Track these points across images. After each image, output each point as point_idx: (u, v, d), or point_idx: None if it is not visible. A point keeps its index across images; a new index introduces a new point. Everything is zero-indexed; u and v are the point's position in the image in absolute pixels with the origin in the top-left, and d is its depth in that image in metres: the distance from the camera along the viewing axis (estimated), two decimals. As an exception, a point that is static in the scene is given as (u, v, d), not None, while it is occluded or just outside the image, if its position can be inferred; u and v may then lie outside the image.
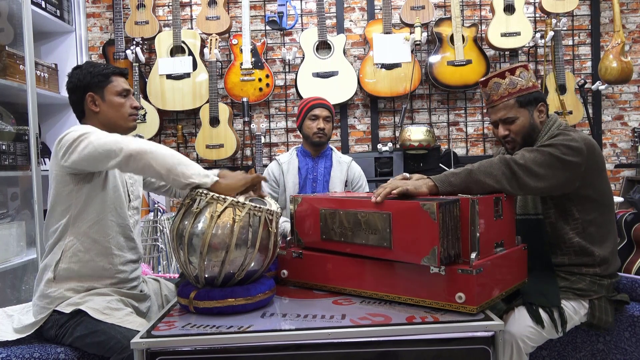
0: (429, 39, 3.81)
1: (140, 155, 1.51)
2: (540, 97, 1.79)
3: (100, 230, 1.71)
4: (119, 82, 1.81)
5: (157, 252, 3.38)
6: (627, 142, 3.91)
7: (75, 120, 1.83)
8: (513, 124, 1.77)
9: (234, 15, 3.90)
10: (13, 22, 3.00)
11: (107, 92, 1.78)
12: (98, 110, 1.78)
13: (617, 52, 3.49)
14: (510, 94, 1.76)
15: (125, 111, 1.81)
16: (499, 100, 1.78)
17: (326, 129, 2.55)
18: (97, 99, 1.78)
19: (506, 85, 1.77)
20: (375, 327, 1.33)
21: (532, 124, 1.77)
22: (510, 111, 1.77)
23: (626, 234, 2.98)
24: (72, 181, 1.67)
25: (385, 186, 1.51)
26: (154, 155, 1.50)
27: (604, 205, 1.75)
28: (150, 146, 1.52)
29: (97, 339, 1.55)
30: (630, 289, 1.81)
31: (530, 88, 1.77)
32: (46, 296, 1.67)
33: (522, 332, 1.57)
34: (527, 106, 1.76)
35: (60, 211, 1.69)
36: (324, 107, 2.57)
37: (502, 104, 1.78)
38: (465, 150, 3.92)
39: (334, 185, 2.58)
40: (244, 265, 1.47)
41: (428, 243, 1.36)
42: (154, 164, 1.50)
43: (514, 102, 1.76)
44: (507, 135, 1.79)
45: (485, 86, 1.82)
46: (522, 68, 1.77)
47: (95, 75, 1.78)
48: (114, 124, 1.79)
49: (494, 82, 1.79)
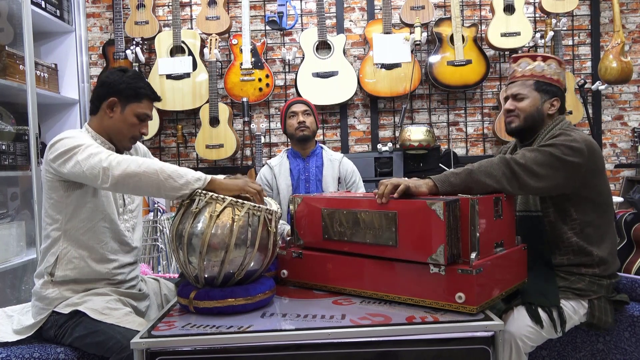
0: (429, 39, 3.81)
1: (127, 180, 1.50)
2: (558, 93, 1.82)
3: (94, 237, 1.70)
4: (146, 105, 1.78)
5: (156, 252, 3.38)
6: (627, 142, 3.91)
7: (74, 120, 1.83)
8: (521, 102, 1.81)
9: (234, 15, 3.90)
10: (13, 22, 3.00)
11: (130, 108, 1.75)
12: (112, 116, 1.75)
13: (617, 52, 3.49)
14: (532, 76, 1.81)
15: (132, 132, 1.77)
16: (520, 77, 1.83)
17: (307, 122, 2.54)
18: (117, 107, 1.74)
19: (532, 67, 1.81)
20: (375, 327, 1.33)
21: (539, 110, 1.80)
22: (525, 89, 1.81)
23: (626, 234, 2.98)
24: (62, 187, 1.66)
25: (385, 183, 1.51)
26: (140, 178, 1.50)
27: (603, 206, 1.75)
28: (136, 168, 1.50)
29: (96, 339, 1.55)
30: (630, 289, 1.80)
31: (554, 80, 1.80)
32: (44, 298, 1.67)
33: (520, 331, 1.57)
34: (541, 92, 1.80)
35: (52, 217, 1.69)
36: (300, 102, 2.61)
37: (520, 82, 1.83)
38: (465, 150, 3.92)
39: (327, 183, 2.57)
40: (244, 264, 1.47)
41: (435, 241, 1.37)
42: (142, 185, 1.51)
43: (532, 83, 1.80)
44: (513, 110, 1.83)
45: (515, 62, 1.87)
46: (556, 61, 1.81)
47: (132, 88, 1.74)
48: (114, 136, 1.77)
49: (524, 60, 1.83)
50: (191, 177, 1.51)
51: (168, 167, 1.52)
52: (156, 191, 1.52)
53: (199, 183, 1.51)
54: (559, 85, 1.82)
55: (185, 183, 1.50)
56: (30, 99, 2.91)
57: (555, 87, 1.81)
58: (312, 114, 2.59)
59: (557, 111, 1.82)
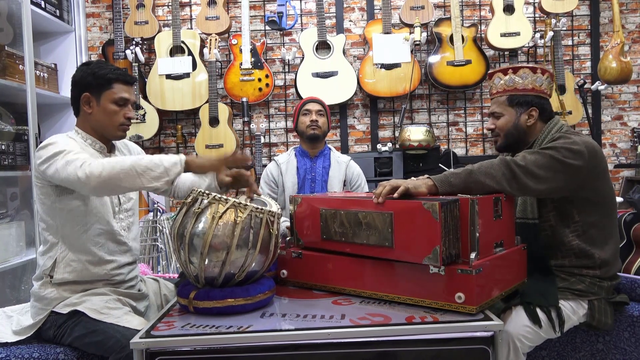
0: (429, 39, 3.81)
1: (104, 184, 1.52)
2: (534, 102, 1.79)
3: (89, 239, 1.70)
4: (119, 89, 1.74)
5: (156, 252, 3.38)
6: (626, 142, 3.91)
7: (74, 120, 1.82)
8: (498, 119, 1.84)
9: (234, 15, 3.90)
10: (12, 22, 3.00)
11: (104, 97, 1.73)
12: (91, 112, 1.73)
13: (617, 52, 3.50)
14: (505, 91, 1.82)
15: (117, 120, 1.74)
16: (495, 94, 1.87)
17: (319, 121, 2.55)
18: (92, 100, 1.73)
19: (504, 82, 1.82)
20: (375, 327, 1.33)
21: (516, 125, 1.81)
22: (499, 107, 1.84)
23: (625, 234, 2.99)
24: (54, 192, 1.66)
25: (384, 184, 1.52)
26: (119, 178, 1.51)
27: (606, 207, 1.74)
28: (110, 170, 1.51)
29: (95, 339, 1.55)
30: (629, 289, 1.80)
31: (528, 90, 1.79)
32: (43, 298, 1.67)
33: (518, 331, 1.57)
34: (515, 106, 1.80)
35: (47, 222, 1.69)
36: (316, 102, 2.62)
37: (495, 99, 1.86)
38: (464, 151, 3.92)
39: (332, 185, 2.57)
40: (245, 266, 1.47)
41: (430, 243, 1.37)
42: (123, 184, 1.53)
43: (505, 99, 1.82)
44: (493, 129, 1.87)
45: (490, 79, 1.89)
46: (529, 69, 1.79)
47: (98, 77, 1.72)
48: (103, 130, 1.76)
49: (497, 76, 1.85)
50: (167, 163, 1.55)
51: (142, 160, 1.55)
52: (138, 186, 1.55)
53: (177, 167, 1.55)
54: (536, 93, 1.79)
55: (164, 170, 1.54)
56: (30, 99, 2.91)
57: (529, 96, 1.79)
58: (325, 115, 2.60)
59: (537, 120, 1.80)
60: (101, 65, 1.75)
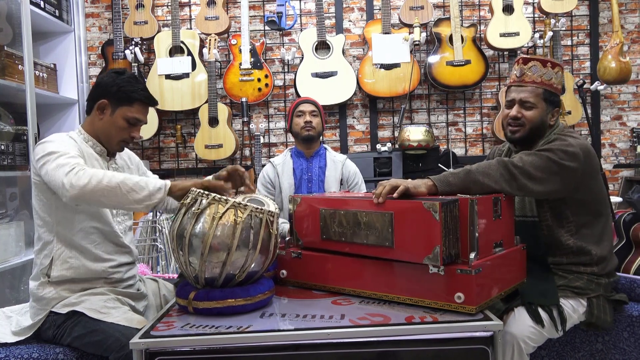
0: (428, 39, 3.81)
1: (84, 196, 1.49)
2: (559, 103, 1.81)
3: (86, 238, 1.70)
4: (137, 110, 1.74)
5: (156, 252, 3.38)
6: (625, 142, 3.91)
7: (73, 121, 1.82)
8: (530, 110, 1.77)
9: (233, 15, 3.90)
10: (12, 22, 3.00)
11: (120, 111, 1.72)
12: (102, 118, 1.74)
13: (616, 53, 3.50)
14: (542, 83, 1.76)
15: (121, 136, 1.75)
16: (530, 83, 1.77)
17: (313, 122, 2.55)
18: (107, 109, 1.73)
19: (543, 74, 1.76)
20: (375, 327, 1.33)
21: (543, 121, 1.78)
22: (534, 98, 1.76)
23: (625, 234, 2.98)
24: (50, 190, 1.65)
25: (384, 184, 1.52)
26: (102, 193, 1.49)
27: (598, 207, 1.76)
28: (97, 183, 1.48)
29: (95, 338, 1.54)
30: (629, 289, 1.81)
31: (557, 90, 1.79)
32: (41, 298, 1.67)
33: (523, 332, 1.57)
34: (547, 102, 1.77)
35: (43, 219, 1.69)
36: (309, 102, 2.62)
37: (530, 87, 1.77)
38: (464, 151, 3.92)
39: (329, 184, 2.57)
40: (245, 266, 1.47)
41: (430, 242, 1.37)
42: (104, 200, 1.51)
43: (542, 92, 1.76)
44: (519, 118, 1.78)
45: (525, 64, 1.79)
46: (560, 68, 1.79)
47: (123, 92, 1.71)
48: (104, 139, 1.76)
49: (535, 64, 1.78)
50: (152, 187, 1.53)
51: (130, 180, 1.52)
52: (119, 205, 1.55)
53: (160, 193, 1.54)
54: (559, 94, 1.81)
55: (148, 195, 1.52)
56: (29, 99, 2.90)
57: (558, 97, 1.80)
58: (319, 115, 2.60)
59: (556, 121, 1.81)
60: (132, 81, 1.74)
